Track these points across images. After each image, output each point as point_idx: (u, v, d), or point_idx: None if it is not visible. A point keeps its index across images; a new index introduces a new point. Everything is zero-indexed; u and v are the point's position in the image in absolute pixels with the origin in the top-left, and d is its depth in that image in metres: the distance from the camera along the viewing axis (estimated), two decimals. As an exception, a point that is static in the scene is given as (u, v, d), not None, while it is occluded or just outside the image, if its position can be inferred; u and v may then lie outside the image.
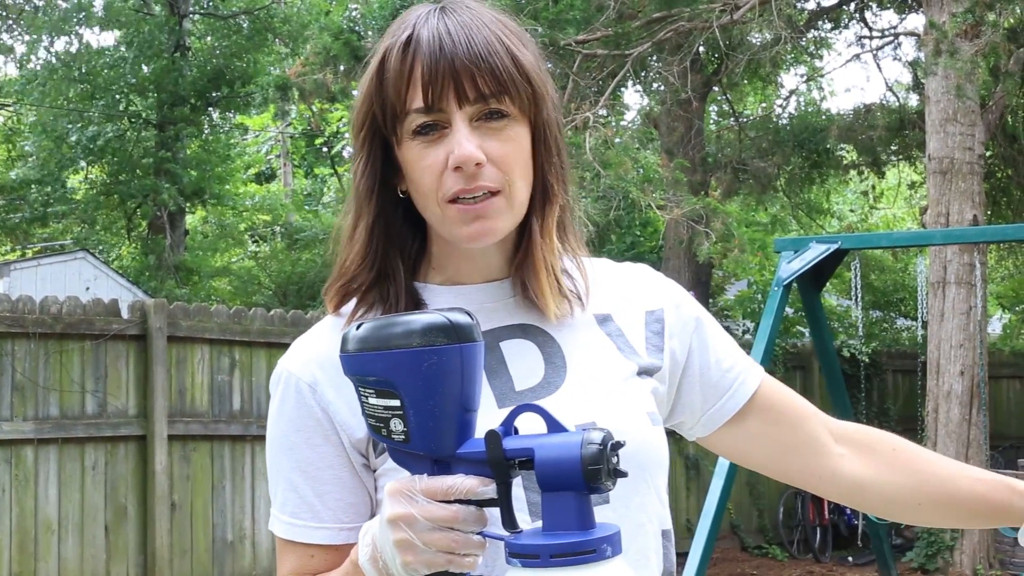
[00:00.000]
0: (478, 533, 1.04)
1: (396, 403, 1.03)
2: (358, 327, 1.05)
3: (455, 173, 1.19)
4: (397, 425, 1.04)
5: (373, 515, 1.25)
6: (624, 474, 1.03)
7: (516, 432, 1.06)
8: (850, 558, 10.33)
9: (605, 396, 1.25)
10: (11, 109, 19.71)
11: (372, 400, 1.05)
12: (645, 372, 1.32)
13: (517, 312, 1.28)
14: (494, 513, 1.05)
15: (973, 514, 1.38)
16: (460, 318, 1.04)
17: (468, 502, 1.03)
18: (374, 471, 1.24)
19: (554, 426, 1.05)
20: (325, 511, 1.23)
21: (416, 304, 1.27)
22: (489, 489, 1.03)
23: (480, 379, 1.08)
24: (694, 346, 1.37)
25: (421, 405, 1.03)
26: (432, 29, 1.20)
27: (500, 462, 1.03)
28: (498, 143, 1.21)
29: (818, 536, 10.49)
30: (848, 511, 10.68)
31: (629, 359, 1.31)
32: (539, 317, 1.28)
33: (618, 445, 1.03)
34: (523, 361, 1.26)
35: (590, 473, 1.00)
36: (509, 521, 1.03)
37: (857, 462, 1.38)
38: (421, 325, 1.03)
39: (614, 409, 1.24)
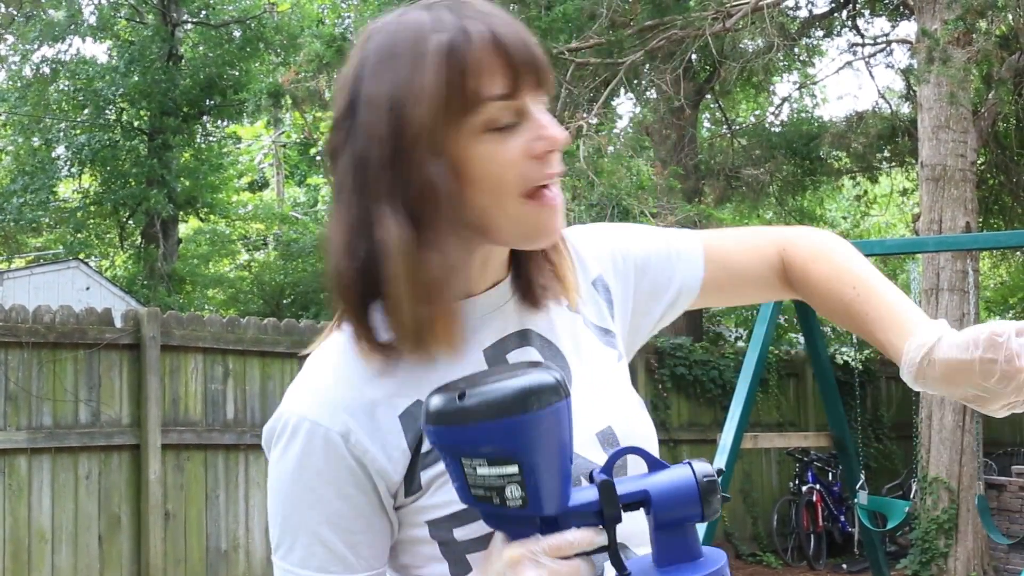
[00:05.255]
0: None
1: (514, 469, 1.01)
2: (460, 396, 1.01)
3: (537, 161, 1.15)
4: (514, 491, 1.02)
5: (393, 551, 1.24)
6: (728, 498, 1.07)
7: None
8: (844, 565, 10.33)
9: (606, 391, 1.27)
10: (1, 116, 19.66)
11: (482, 470, 1.01)
12: (618, 349, 1.34)
13: (514, 316, 1.25)
14: None
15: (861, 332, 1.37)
16: (558, 373, 1.03)
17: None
18: (397, 508, 1.20)
19: (655, 464, 1.08)
20: (358, 561, 1.19)
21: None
22: (602, 538, 1.04)
23: None
24: (636, 278, 1.39)
25: (541, 467, 1.01)
26: (497, 19, 1.15)
27: (615, 511, 1.04)
28: None
29: (812, 543, 10.49)
30: (843, 518, 10.68)
31: (608, 344, 1.32)
32: (531, 319, 1.26)
33: (720, 472, 1.06)
34: None
35: (709, 504, 1.03)
36: (618, 563, 1.05)
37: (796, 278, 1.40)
38: (536, 387, 1.00)
39: (618, 403, 1.26)
